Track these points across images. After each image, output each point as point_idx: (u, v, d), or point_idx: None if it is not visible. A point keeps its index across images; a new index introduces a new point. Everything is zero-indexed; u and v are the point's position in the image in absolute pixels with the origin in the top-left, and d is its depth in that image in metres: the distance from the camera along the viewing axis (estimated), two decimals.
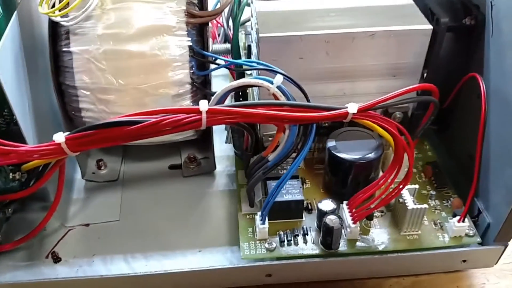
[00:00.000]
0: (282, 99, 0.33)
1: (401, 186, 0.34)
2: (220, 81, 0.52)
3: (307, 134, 0.33)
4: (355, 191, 0.36)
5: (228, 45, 0.43)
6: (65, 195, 0.43)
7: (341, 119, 0.32)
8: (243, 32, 0.49)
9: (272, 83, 0.32)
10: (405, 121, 0.40)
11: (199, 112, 0.30)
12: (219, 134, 0.48)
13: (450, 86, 0.39)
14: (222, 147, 0.47)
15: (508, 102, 0.33)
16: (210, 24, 0.48)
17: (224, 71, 0.48)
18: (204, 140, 0.44)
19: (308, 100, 0.33)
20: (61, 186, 0.36)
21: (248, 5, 0.39)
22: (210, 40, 0.42)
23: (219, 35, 0.52)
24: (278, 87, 0.33)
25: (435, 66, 0.39)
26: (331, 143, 0.37)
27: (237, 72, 0.40)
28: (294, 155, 0.34)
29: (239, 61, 0.35)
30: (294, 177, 0.38)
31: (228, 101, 0.37)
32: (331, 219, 0.34)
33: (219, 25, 0.52)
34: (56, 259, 0.38)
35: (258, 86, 0.33)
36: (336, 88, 0.39)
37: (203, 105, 0.30)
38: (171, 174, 0.45)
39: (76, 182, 0.45)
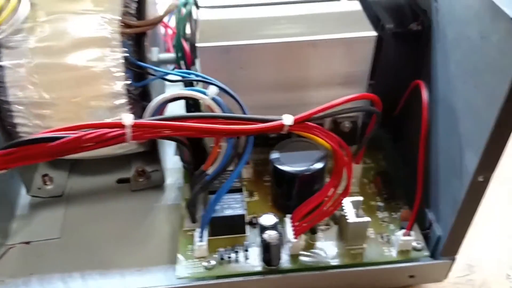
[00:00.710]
0: (217, 111, 0.32)
1: (339, 199, 0.32)
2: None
3: (245, 146, 0.32)
4: (300, 203, 0.35)
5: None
6: (8, 212, 0.41)
7: (277, 131, 0.31)
8: None
9: (206, 94, 0.31)
10: (355, 131, 0.39)
11: (122, 126, 0.29)
12: (172, 145, 0.47)
13: (401, 93, 0.38)
14: (174, 159, 0.45)
15: (453, 110, 0.32)
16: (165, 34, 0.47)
17: None
18: (154, 152, 0.42)
19: (244, 112, 0.32)
20: None
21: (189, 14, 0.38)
22: (156, 49, 0.41)
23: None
24: (213, 99, 0.31)
25: (384, 73, 0.38)
26: (274, 155, 0.36)
27: (184, 82, 0.39)
28: None
29: (173, 72, 0.34)
30: (237, 190, 0.37)
31: None
32: (269, 235, 0.33)
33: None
34: None
35: (192, 98, 0.32)
36: (284, 98, 0.38)
37: (127, 119, 0.28)
38: (119, 188, 0.44)
39: (21, 197, 0.43)
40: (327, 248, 0.35)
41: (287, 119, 0.30)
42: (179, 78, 0.34)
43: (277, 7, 0.38)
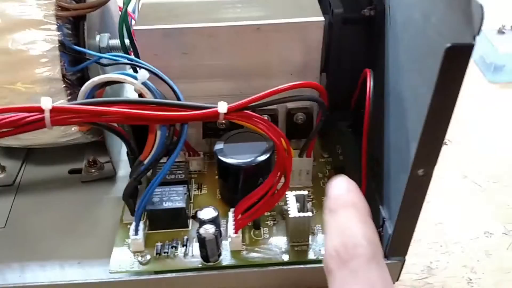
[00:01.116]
0: (148, 97, 0.30)
1: (280, 192, 0.30)
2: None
3: (179, 135, 0.30)
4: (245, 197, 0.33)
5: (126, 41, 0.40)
6: None
7: (212, 119, 0.29)
8: None
9: (137, 79, 0.30)
10: (310, 122, 0.37)
11: (41, 110, 0.27)
12: None
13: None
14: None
15: (401, 100, 0.30)
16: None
17: None
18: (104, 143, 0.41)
19: (178, 99, 0.31)
20: None
21: None
22: (107, 35, 0.39)
23: None
24: (144, 84, 0.30)
25: (337, 62, 0.36)
26: (218, 146, 0.34)
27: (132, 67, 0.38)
28: None
29: (105, 55, 0.33)
30: (181, 182, 0.35)
31: None
32: (205, 229, 0.31)
33: None
34: None
35: (122, 82, 0.30)
36: (232, 87, 0.36)
37: (46, 102, 0.27)
38: (71, 179, 0.42)
39: None
40: (272, 244, 0.33)
41: (222, 107, 0.29)
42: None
43: None
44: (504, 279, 0.36)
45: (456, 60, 0.21)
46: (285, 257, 0.32)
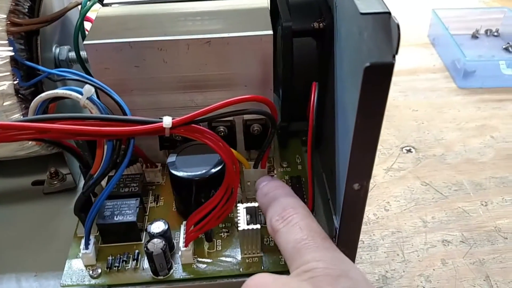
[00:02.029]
0: (94, 112, 0.30)
1: (228, 205, 0.31)
2: None
3: (125, 150, 0.31)
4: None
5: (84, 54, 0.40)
6: None
7: (158, 133, 0.29)
8: None
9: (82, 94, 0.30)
10: (265, 134, 0.37)
11: None
12: None
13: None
14: None
15: (346, 113, 0.30)
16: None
17: None
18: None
19: (124, 113, 0.31)
20: None
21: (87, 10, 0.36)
22: (66, 48, 0.39)
23: None
24: (90, 99, 0.30)
25: (290, 74, 0.36)
26: (171, 159, 0.35)
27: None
28: None
29: (52, 70, 0.33)
30: (134, 195, 0.35)
31: None
32: (153, 243, 0.31)
33: None
34: None
35: (67, 98, 0.30)
36: (186, 99, 0.36)
37: None
38: (33, 190, 0.43)
39: None
40: (225, 256, 0.33)
41: (166, 121, 0.29)
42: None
43: (184, 4, 0.37)
44: (458, 286, 0.36)
45: (375, 78, 0.21)
46: (237, 269, 0.33)
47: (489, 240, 0.39)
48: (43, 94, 0.30)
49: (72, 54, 0.40)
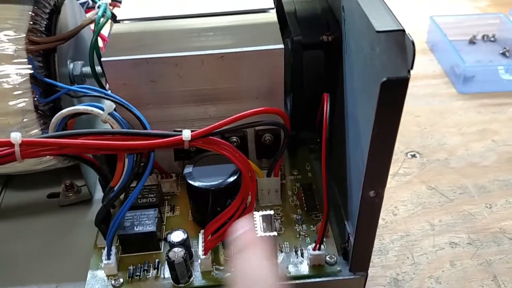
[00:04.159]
0: (115, 127, 0.31)
1: (246, 214, 0.32)
2: None
3: (146, 162, 0.32)
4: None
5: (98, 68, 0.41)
6: None
7: (178, 146, 0.31)
8: None
9: (103, 109, 0.31)
10: (277, 143, 0.39)
11: (11, 144, 0.28)
12: None
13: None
14: None
15: (357, 124, 0.31)
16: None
17: None
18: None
19: (144, 127, 0.32)
20: None
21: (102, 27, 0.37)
22: (80, 63, 0.40)
23: None
24: (111, 114, 0.31)
25: (300, 86, 0.37)
26: (187, 170, 0.36)
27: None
28: None
29: (73, 87, 0.34)
30: (152, 206, 0.36)
31: None
32: (174, 252, 0.32)
33: None
34: None
35: (89, 114, 0.31)
36: (200, 111, 0.37)
37: (15, 136, 0.28)
38: (50, 203, 0.43)
39: None
40: None
41: (186, 134, 0.30)
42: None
43: (195, 20, 0.38)
44: (467, 287, 0.37)
45: (392, 91, 0.23)
46: None
47: (495, 242, 0.41)
48: (64, 110, 0.31)
49: (86, 69, 0.41)
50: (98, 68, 0.40)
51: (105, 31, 0.40)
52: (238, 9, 0.39)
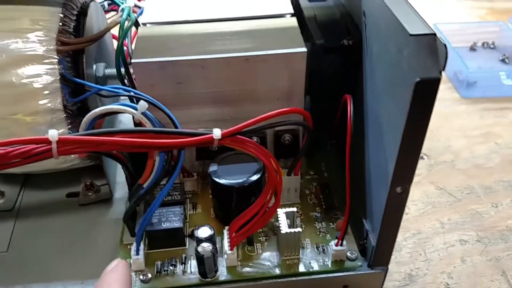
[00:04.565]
0: (148, 126, 0.32)
1: (271, 211, 0.33)
2: None
3: (176, 160, 0.33)
4: (238, 215, 0.35)
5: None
6: None
7: (207, 145, 0.32)
8: None
9: (136, 109, 0.32)
10: (296, 144, 0.40)
11: (48, 141, 0.29)
12: None
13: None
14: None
15: (379, 123, 0.33)
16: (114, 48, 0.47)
17: None
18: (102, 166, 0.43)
19: (175, 126, 0.33)
20: None
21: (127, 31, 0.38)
22: (103, 65, 0.41)
23: None
24: (144, 114, 0.32)
25: (320, 88, 0.38)
26: (212, 168, 0.37)
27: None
28: None
29: (105, 87, 0.35)
30: (177, 203, 0.37)
31: None
32: (203, 247, 0.33)
33: None
34: None
35: (122, 112, 0.32)
36: (223, 112, 0.39)
37: (53, 134, 0.29)
38: (69, 202, 0.44)
39: None
40: (265, 259, 0.36)
41: (216, 133, 0.31)
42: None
43: (218, 24, 0.39)
44: (479, 282, 0.39)
45: (424, 91, 0.24)
46: (278, 271, 0.35)
47: (502, 239, 0.42)
48: (97, 109, 0.32)
49: (108, 71, 0.42)
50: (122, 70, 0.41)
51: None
52: (258, 14, 0.40)
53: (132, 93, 0.33)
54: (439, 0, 0.78)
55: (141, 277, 0.34)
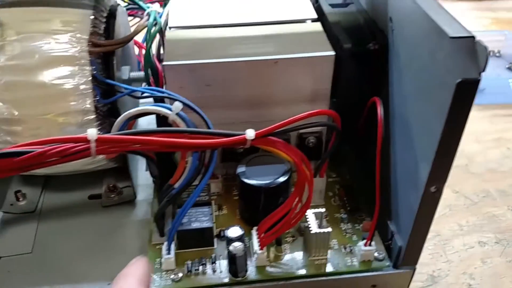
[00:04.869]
0: (182, 126, 0.33)
1: (301, 211, 0.33)
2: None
3: (209, 160, 0.33)
4: (266, 216, 0.36)
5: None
6: None
7: (240, 145, 0.32)
8: None
9: (171, 110, 0.32)
10: (319, 146, 0.41)
11: (87, 140, 0.29)
12: (144, 161, 0.48)
13: (363, 110, 0.40)
14: (146, 175, 0.46)
15: (408, 125, 0.34)
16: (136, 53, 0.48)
17: None
18: (126, 168, 0.43)
19: (208, 127, 0.33)
20: None
21: (157, 33, 0.39)
22: (128, 68, 0.42)
23: None
24: (178, 114, 0.33)
25: (345, 91, 0.39)
26: (240, 169, 0.37)
27: (155, 99, 0.40)
28: None
29: (139, 88, 0.35)
30: (205, 204, 0.38)
31: None
32: (234, 246, 0.33)
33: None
34: None
35: (157, 114, 0.33)
36: (250, 115, 0.39)
37: (92, 133, 0.29)
38: (91, 204, 0.44)
39: None
40: (293, 259, 0.36)
41: (250, 134, 0.32)
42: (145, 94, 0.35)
43: (243, 28, 0.40)
44: (500, 283, 0.39)
45: (464, 92, 0.25)
46: (305, 271, 0.35)
47: None
48: (132, 110, 0.33)
49: (132, 74, 0.42)
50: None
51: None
52: (282, 19, 0.41)
53: (166, 94, 0.34)
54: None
55: (172, 276, 0.34)
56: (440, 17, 0.27)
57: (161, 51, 0.42)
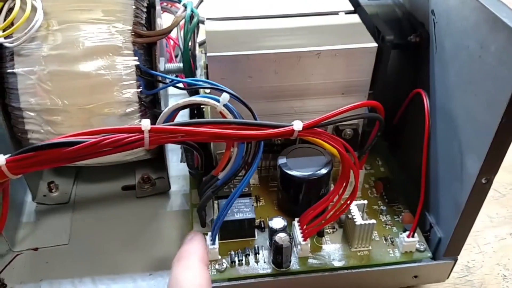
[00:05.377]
0: (229, 117, 0.33)
1: (348, 202, 0.34)
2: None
3: (256, 151, 0.33)
4: (307, 207, 0.36)
5: (181, 64, 0.43)
6: (14, 219, 0.41)
7: (287, 136, 0.32)
8: (203, 51, 0.49)
9: (218, 101, 0.32)
10: (356, 138, 0.41)
11: (141, 131, 0.29)
12: (176, 152, 0.48)
13: (400, 102, 0.40)
14: (178, 167, 0.46)
15: (452, 117, 0.34)
16: (167, 45, 0.48)
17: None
18: (159, 160, 0.43)
19: (255, 118, 0.33)
20: (6, 210, 0.34)
21: (197, 24, 0.39)
22: (163, 59, 0.42)
23: (176, 56, 0.53)
24: (225, 106, 0.33)
25: (383, 83, 0.39)
26: (282, 160, 0.37)
27: (190, 91, 0.40)
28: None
29: (185, 79, 0.35)
30: (246, 195, 0.38)
31: None
32: (280, 237, 0.34)
33: (176, 45, 0.52)
34: (2, 286, 0.37)
35: (204, 105, 0.33)
36: (287, 106, 0.39)
37: (146, 123, 0.29)
38: (125, 195, 0.44)
39: (27, 205, 0.44)
40: (334, 250, 0.36)
41: (297, 125, 0.32)
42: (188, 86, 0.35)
43: (279, 20, 0.40)
44: None
45: None
46: (347, 262, 0.35)
47: None
48: (180, 101, 0.32)
49: (168, 66, 0.42)
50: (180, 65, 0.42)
51: None
52: (319, 11, 0.41)
53: (212, 85, 0.34)
54: None
55: (216, 266, 0.35)
56: (497, 8, 0.27)
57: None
